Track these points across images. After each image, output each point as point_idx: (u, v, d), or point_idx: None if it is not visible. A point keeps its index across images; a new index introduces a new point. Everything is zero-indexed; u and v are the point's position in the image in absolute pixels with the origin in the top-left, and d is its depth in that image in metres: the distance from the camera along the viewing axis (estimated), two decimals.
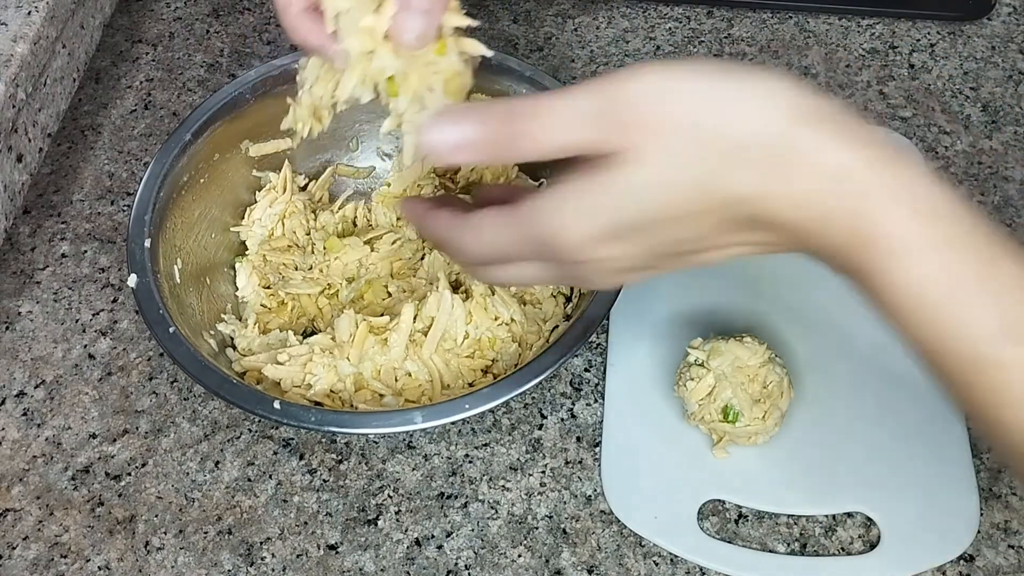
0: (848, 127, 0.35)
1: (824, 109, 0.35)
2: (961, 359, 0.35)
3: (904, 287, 0.35)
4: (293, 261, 0.61)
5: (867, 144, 0.34)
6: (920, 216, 0.34)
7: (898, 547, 0.51)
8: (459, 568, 0.51)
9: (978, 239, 0.35)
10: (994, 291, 0.34)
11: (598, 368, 0.58)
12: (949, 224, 0.35)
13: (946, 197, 0.35)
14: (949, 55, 0.74)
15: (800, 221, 0.35)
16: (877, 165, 0.34)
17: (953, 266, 0.34)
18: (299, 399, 0.54)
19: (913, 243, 0.34)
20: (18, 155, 0.64)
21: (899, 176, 0.34)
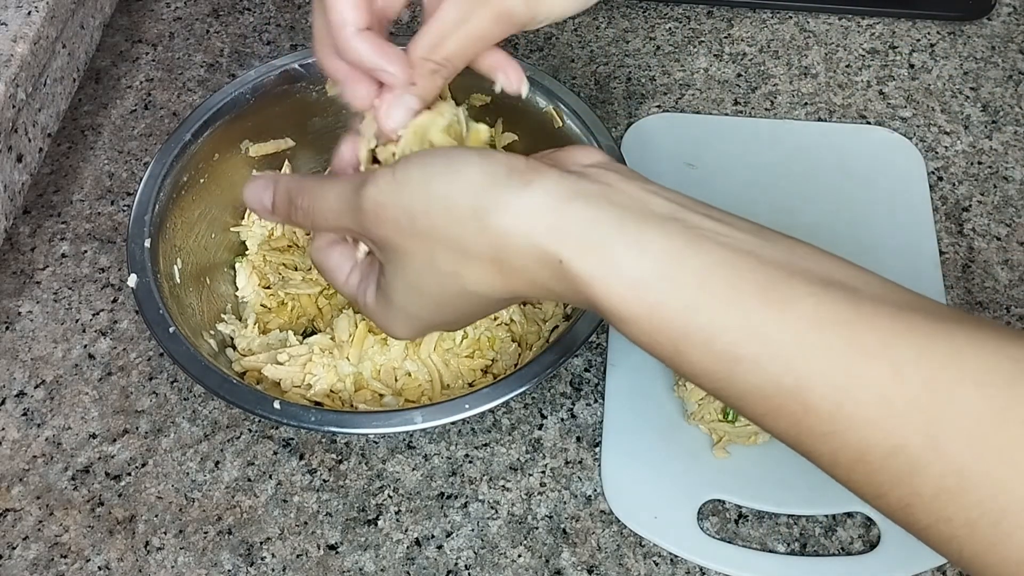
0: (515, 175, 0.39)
1: (476, 171, 0.39)
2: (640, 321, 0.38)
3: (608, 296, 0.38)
4: (293, 261, 0.62)
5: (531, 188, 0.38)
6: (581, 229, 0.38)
7: (898, 547, 0.51)
8: (459, 568, 0.51)
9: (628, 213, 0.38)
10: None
11: (598, 368, 0.58)
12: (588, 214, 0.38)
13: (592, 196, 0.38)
14: (949, 55, 0.74)
15: (514, 270, 0.39)
16: (549, 202, 0.38)
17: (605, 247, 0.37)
18: (299, 399, 0.54)
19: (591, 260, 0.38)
20: (18, 155, 0.64)
21: (565, 203, 0.38)
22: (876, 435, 0.34)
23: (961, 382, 0.33)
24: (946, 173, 0.67)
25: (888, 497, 0.35)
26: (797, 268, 0.36)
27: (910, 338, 0.34)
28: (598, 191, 0.38)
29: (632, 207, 0.38)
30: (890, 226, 0.64)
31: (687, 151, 0.68)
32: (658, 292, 0.36)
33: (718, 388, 0.37)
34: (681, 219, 0.38)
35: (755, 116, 0.70)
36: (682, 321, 0.36)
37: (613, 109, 0.71)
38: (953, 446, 0.33)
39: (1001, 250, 0.63)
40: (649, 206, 0.38)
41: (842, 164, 0.67)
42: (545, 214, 0.38)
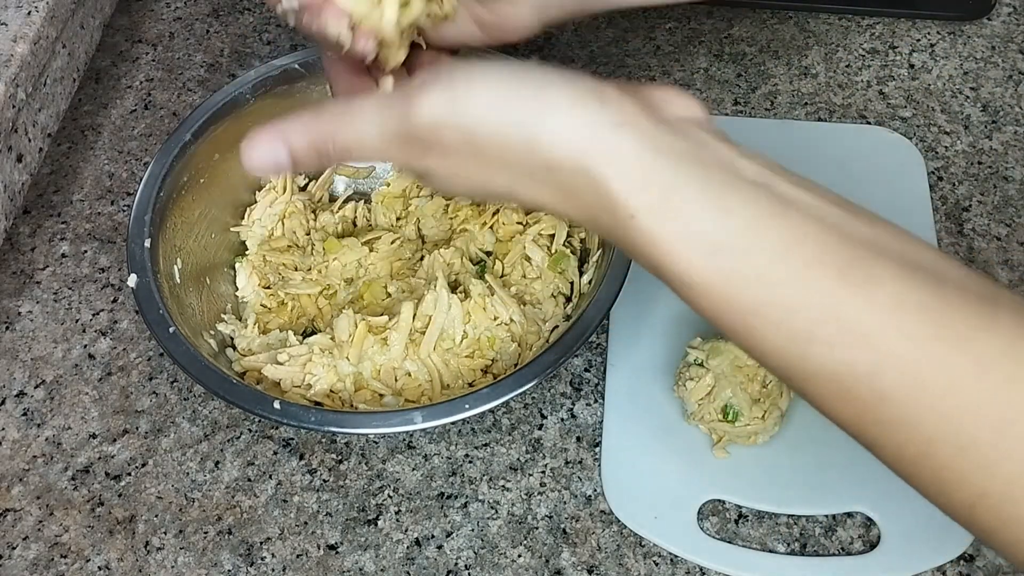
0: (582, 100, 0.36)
1: (563, 91, 0.36)
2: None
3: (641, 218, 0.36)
4: (293, 261, 0.62)
5: (597, 116, 0.36)
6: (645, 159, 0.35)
7: (898, 547, 0.51)
8: (459, 568, 0.51)
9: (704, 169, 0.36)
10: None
11: (598, 368, 0.58)
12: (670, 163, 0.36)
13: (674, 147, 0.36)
14: (949, 55, 0.74)
15: (564, 189, 0.37)
16: (603, 131, 0.35)
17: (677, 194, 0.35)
18: (299, 399, 0.54)
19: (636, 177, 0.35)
20: (18, 155, 0.64)
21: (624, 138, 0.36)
22: (948, 429, 0.32)
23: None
24: (946, 173, 0.67)
25: (952, 496, 0.34)
26: (883, 248, 0.34)
27: (994, 331, 0.33)
28: (688, 150, 0.36)
29: (721, 170, 0.35)
30: None
31: None
32: (735, 260, 0.34)
33: (786, 367, 0.35)
34: (770, 185, 0.36)
35: (755, 116, 0.70)
36: (756, 294, 0.34)
37: None
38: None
39: (1001, 250, 0.63)
40: (739, 169, 0.36)
41: (842, 164, 0.67)
42: (629, 163, 0.35)
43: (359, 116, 0.39)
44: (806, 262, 0.34)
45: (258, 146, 0.40)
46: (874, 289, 0.33)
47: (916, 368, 0.33)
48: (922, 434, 0.33)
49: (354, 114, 0.39)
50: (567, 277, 0.59)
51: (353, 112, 0.39)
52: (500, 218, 0.61)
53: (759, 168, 0.36)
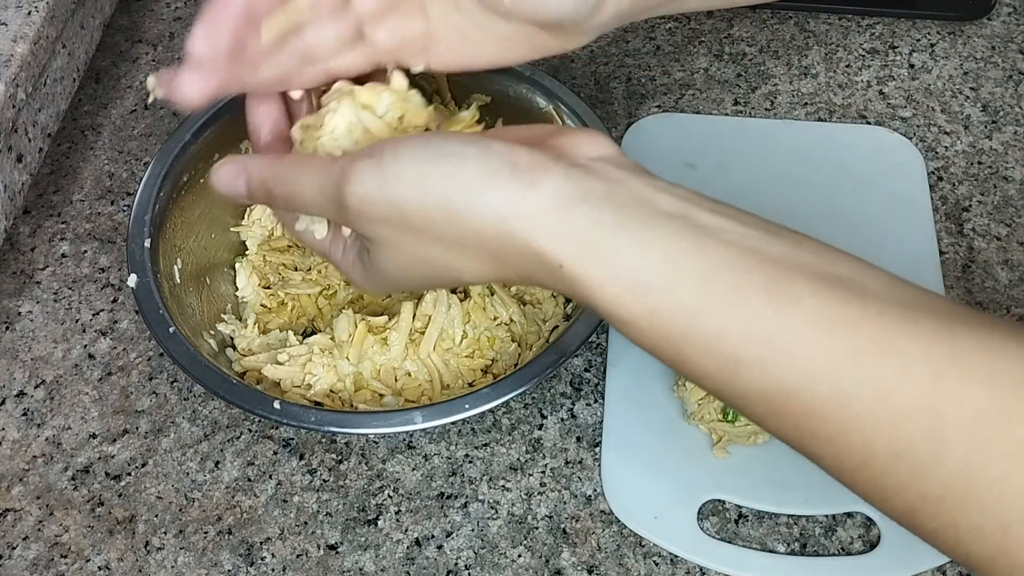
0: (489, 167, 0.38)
1: (477, 167, 0.38)
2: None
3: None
4: (293, 261, 0.62)
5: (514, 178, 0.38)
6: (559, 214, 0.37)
7: (898, 547, 0.51)
8: (459, 568, 0.51)
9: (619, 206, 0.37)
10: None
11: (598, 368, 0.58)
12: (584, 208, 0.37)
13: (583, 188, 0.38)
14: (949, 55, 0.74)
15: (494, 253, 0.39)
16: (527, 191, 0.37)
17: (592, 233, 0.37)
18: (299, 399, 0.54)
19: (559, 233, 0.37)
20: (18, 155, 0.64)
21: (545, 194, 0.37)
22: (881, 438, 0.33)
23: (968, 383, 0.32)
24: (946, 173, 0.67)
25: (893, 501, 0.34)
26: (802, 265, 0.35)
27: (916, 338, 0.33)
28: (604, 191, 0.37)
29: (638, 207, 0.37)
30: (890, 226, 0.64)
31: (687, 151, 0.68)
32: (660, 295, 0.36)
33: (721, 390, 0.37)
34: (687, 216, 0.37)
35: (755, 116, 0.70)
36: (684, 324, 0.36)
37: (613, 109, 0.71)
38: (960, 449, 0.32)
39: (1001, 250, 0.63)
40: (656, 204, 0.37)
41: (842, 164, 0.67)
42: (548, 218, 0.37)
43: (304, 172, 0.41)
44: (727, 289, 0.35)
45: (225, 169, 0.44)
46: (794, 307, 0.34)
47: (842, 381, 0.34)
48: (856, 444, 0.34)
49: (301, 169, 0.41)
50: None
51: (301, 167, 0.42)
52: None
53: (675, 200, 0.38)
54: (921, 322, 0.34)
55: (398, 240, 0.40)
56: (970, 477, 0.32)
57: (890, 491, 0.34)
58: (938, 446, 0.32)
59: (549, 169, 0.38)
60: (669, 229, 0.36)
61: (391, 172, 0.38)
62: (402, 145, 0.39)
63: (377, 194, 0.39)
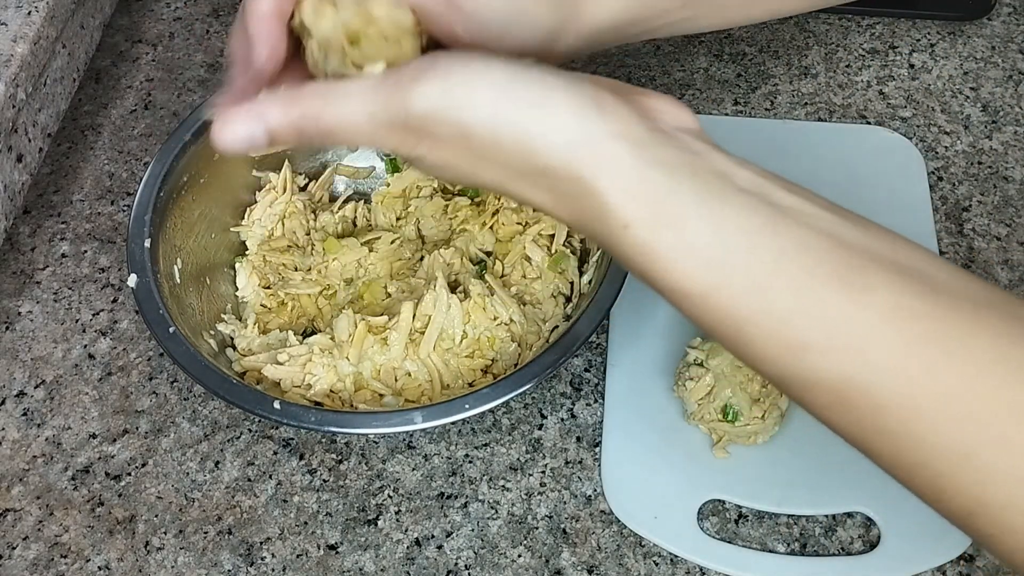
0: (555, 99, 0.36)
1: (563, 98, 0.36)
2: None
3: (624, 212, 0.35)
4: (293, 261, 0.61)
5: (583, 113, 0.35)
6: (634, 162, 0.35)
7: (898, 547, 0.51)
8: (459, 568, 0.51)
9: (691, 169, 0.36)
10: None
11: (598, 368, 0.58)
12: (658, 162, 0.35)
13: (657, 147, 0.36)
14: (949, 55, 0.74)
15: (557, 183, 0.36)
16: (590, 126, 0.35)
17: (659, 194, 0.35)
18: (299, 399, 0.54)
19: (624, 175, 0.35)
20: (18, 155, 0.64)
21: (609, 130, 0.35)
22: (946, 439, 0.32)
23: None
24: (946, 173, 0.67)
25: (951, 503, 0.33)
26: (875, 253, 0.34)
27: (987, 339, 0.32)
28: (683, 160, 0.35)
29: (716, 180, 0.35)
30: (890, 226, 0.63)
31: None
32: (730, 270, 0.34)
33: (782, 376, 0.35)
34: (764, 194, 0.35)
35: (755, 116, 0.70)
36: (750, 303, 0.34)
37: None
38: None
39: (1001, 250, 0.63)
40: (733, 178, 0.36)
41: (842, 164, 0.67)
42: (624, 173, 0.35)
43: (347, 99, 0.38)
44: (800, 270, 0.34)
45: (234, 123, 0.39)
46: (868, 297, 0.33)
47: (911, 377, 0.33)
48: (919, 443, 0.33)
49: (341, 96, 0.38)
50: (567, 277, 0.59)
51: (340, 95, 0.38)
52: (500, 218, 0.61)
53: (753, 176, 0.36)
54: (992, 321, 0.33)
55: (453, 158, 0.37)
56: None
57: (948, 493, 0.33)
58: (1005, 453, 0.32)
59: (633, 123, 0.36)
60: (746, 205, 0.35)
61: (461, 88, 0.35)
62: (476, 62, 0.36)
63: (444, 110, 0.35)
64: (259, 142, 0.39)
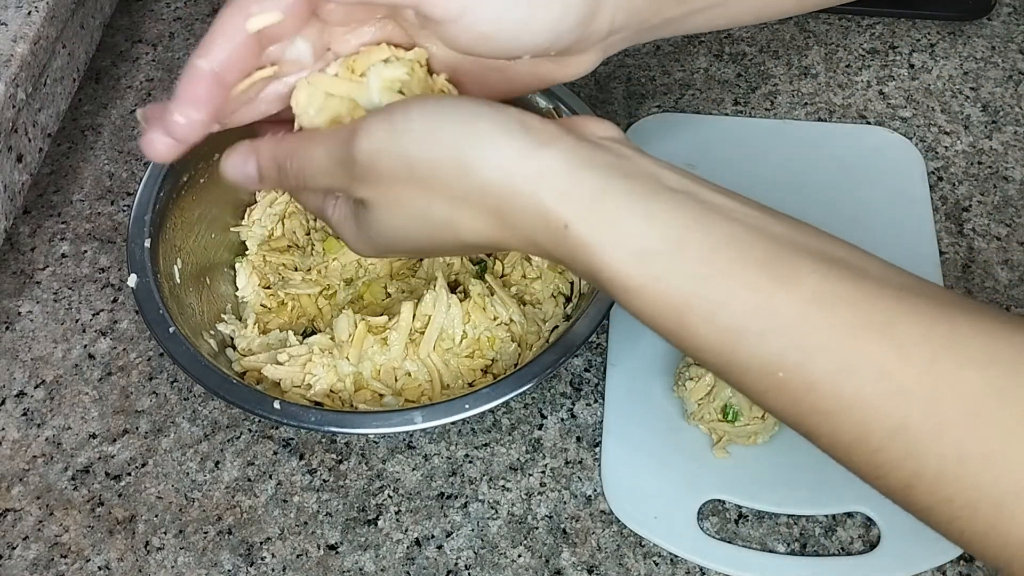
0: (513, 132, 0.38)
1: (491, 122, 0.38)
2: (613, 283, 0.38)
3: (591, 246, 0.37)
4: (293, 261, 0.62)
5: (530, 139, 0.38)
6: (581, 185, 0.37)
7: (898, 547, 0.51)
8: (459, 568, 0.51)
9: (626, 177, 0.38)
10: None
11: (598, 368, 0.58)
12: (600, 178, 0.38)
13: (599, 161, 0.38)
14: (949, 55, 0.74)
15: (499, 214, 0.39)
16: (539, 153, 0.38)
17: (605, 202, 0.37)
18: (299, 399, 0.54)
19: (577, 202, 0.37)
20: (18, 155, 0.64)
21: (558, 155, 0.38)
22: (877, 415, 0.34)
23: (964, 364, 0.33)
24: (946, 173, 0.67)
25: (888, 478, 0.35)
26: (803, 246, 0.36)
27: (914, 319, 0.34)
28: (612, 162, 0.38)
29: (645, 179, 0.38)
30: (890, 226, 0.64)
31: (687, 151, 0.68)
32: (665, 262, 0.36)
33: (721, 363, 0.37)
34: (692, 192, 0.37)
35: (755, 116, 0.70)
36: (687, 292, 0.36)
37: (613, 109, 0.71)
38: (955, 427, 0.33)
39: (1001, 250, 0.63)
40: (662, 179, 0.38)
41: (842, 164, 0.67)
42: (557, 178, 0.37)
43: (314, 142, 0.42)
44: (731, 260, 0.36)
45: (234, 156, 0.45)
46: (797, 283, 0.35)
47: (842, 356, 0.34)
48: (853, 420, 0.34)
49: (311, 140, 0.42)
50: (567, 277, 0.59)
51: (311, 138, 0.42)
52: None
53: (681, 178, 0.38)
54: (919, 305, 0.35)
55: (402, 195, 0.39)
56: (965, 455, 0.33)
57: (885, 468, 0.35)
58: (934, 424, 0.33)
59: (560, 136, 0.38)
60: (675, 201, 0.37)
61: (401, 124, 0.39)
62: (414, 102, 0.40)
63: (387, 145, 0.39)
64: (251, 176, 0.44)
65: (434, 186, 0.39)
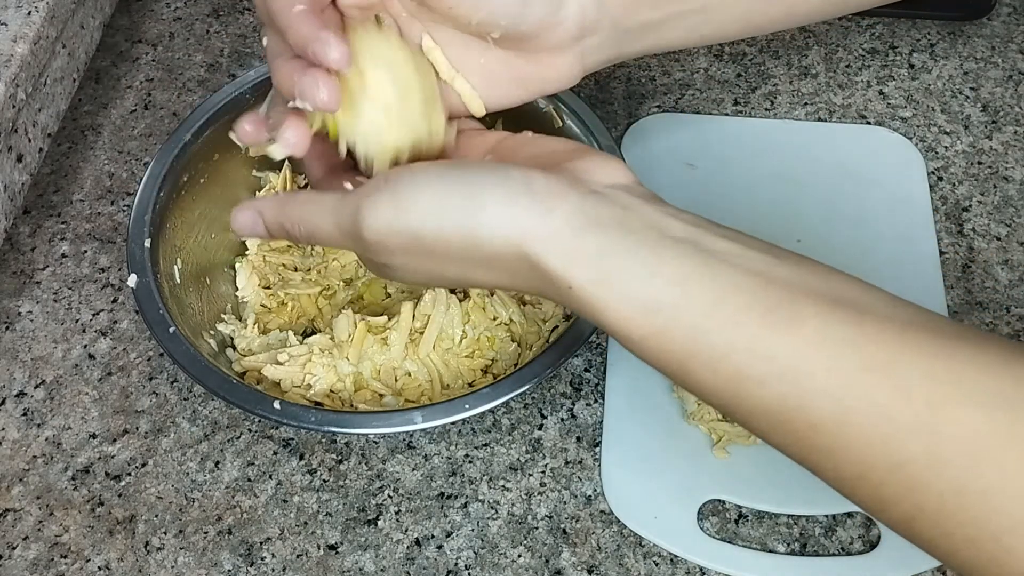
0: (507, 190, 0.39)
1: (495, 193, 0.39)
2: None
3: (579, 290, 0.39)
4: (293, 261, 0.62)
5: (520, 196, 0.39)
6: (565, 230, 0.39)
7: (898, 547, 0.51)
8: (459, 568, 0.51)
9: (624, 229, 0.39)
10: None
11: (598, 368, 0.58)
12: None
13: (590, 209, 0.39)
14: (949, 55, 0.74)
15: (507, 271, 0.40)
16: (533, 211, 0.39)
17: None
18: (299, 399, 0.54)
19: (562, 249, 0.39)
20: (18, 155, 0.64)
21: (552, 212, 0.39)
22: (879, 453, 0.35)
23: (963, 403, 0.34)
24: (946, 173, 0.67)
25: (891, 512, 0.36)
26: (806, 287, 0.37)
27: (913, 358, 0.35)
28: (616, 217, 0.39)
29: (648, 231, 0.39)
30: (890, 226, 0.64)
31: (687, 151, 0.68)
32: (668, 316, 0.37)
33: (724, 405, 0.38)
34: (696, 241, 0.38)
35: (755, 116, 0.70)
36: (690, 342, 0.37)
37: (613, 109, 0.71)
38: (955, 465, 0.34)
39: (1001, 250, 0.63)
40: (666, 230, 0.39)
41: (842, 164, 0.67)
42: (561, 242, 0.39)
43: (319, 210, 0.43)
44: (734, 310, 0.37)
45: (241, 214, 0.46)
46: (798, 328, 0.36)
47: (842, 398, 0.35)
48: (855, 458, 0.35)
49: (315, 207, 0.43)
50: None
51: (314, 205, 0.43)
52: None
53: (685, 226, 0.39)
54: (920, 341, 0.35)
55: (416, 263, 0.41)
56: (964, 490, 0.33)
57: (888, 502, 0.36)
58: (934, 461, 0.34)
59: (565, 195, 0.39)
60: (678, 252, 0.38)
61: (407, 201, 0.40)
62: (418, 173, 0.41)
63: (395, 223, 0.40)
64: (260, 232, 0.46)
65: (444, 257, 0.40)
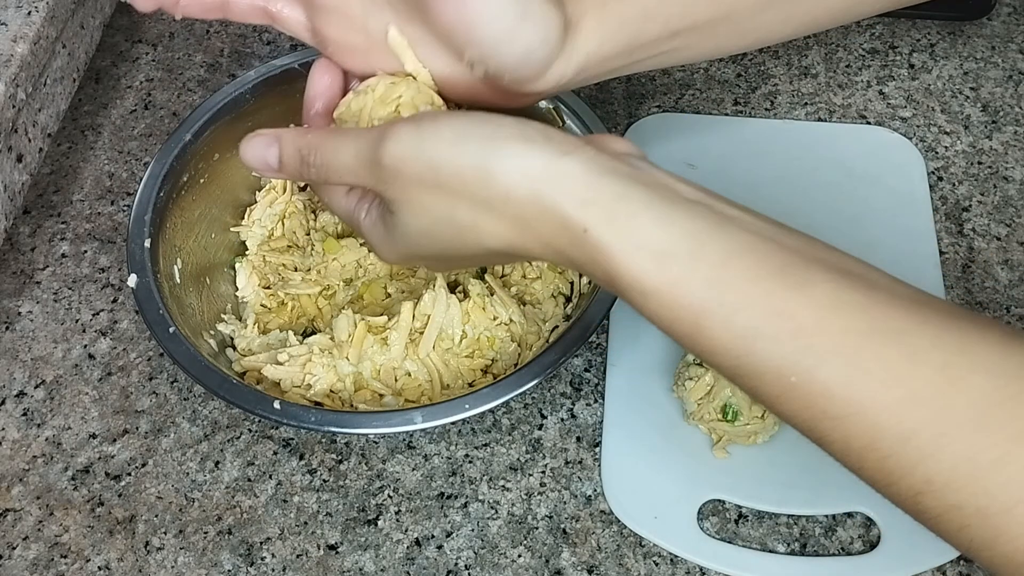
0: (535, 141, 0.39)
1: (513, 132, 0.40)
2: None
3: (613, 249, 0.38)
4: (293, 261, 0.62)
5: (551, 149, 0.39)
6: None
7: (898, 547, 0.51)
8: (459, 568, 0.51)
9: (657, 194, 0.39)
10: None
11: (598, 368, 0.58)
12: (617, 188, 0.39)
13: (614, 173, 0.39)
14: (949, 55, 0.74)
15: (522, 224, 0.40)
16: (560, 162, 0.39)
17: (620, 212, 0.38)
18: (299, 399, 0.54)
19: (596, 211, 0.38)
20: (18, 155, 0.64)
21: (578, 165, 0.39)
22: (889, 420, 0.34)
23: (974, 370, 0.34)
24: (946, 173, 0.67)
25: (899, 485, 0.35)
26: (816, 257, 0.37)
27: (924, 327, 0.35)
28: (631, 172, 0.39)
29: (662, 189, 0.39)
30: (890, 226, 0.64)
31: (687, 151, 0.68)
32: (682, 266, 0.37)
33: (735, 367, 0.38)
34: (708, 204, 0.39)
35: (755, 116, 0.70)
36: (704, 295, 0.37)
37: (613, 109, 0.71)
38: (965, 433, 0.33)
39: (1001, 250, 0.63)
40: (678, 191, 0.39)
41: (842, 164, 0.67)
42: (577, 184, 0.38)
43: (341, 140, 0.43)
44: (747, 267, 0.37)
45: (256, 140, 0.45)
46: (810, 290, 0.36)
47: (855, 361, 0.35)
48: (864, 425, 0.35)
49: (338, 137, 0.43)
50: (567, 277, 0.59)
51: (337, 135, 0.44)
52: None
53: (695, 191, 0.40)
54: (928, 315, 0.35)
55: (428, 200, 0.41)
56: (975, 459, 0.33)
57: (896, 474, 0.35)
58: (944, 429, 0.34)
59: (580, 146, 0.40)
60: (692, 210, 0.38)
61: (429, 131, 0.40)
62: (442, 114, 0.42)
63: (414, 151, 0.40)
64: (271, 163, 0.45)
65: (458, 192, 0.40)
